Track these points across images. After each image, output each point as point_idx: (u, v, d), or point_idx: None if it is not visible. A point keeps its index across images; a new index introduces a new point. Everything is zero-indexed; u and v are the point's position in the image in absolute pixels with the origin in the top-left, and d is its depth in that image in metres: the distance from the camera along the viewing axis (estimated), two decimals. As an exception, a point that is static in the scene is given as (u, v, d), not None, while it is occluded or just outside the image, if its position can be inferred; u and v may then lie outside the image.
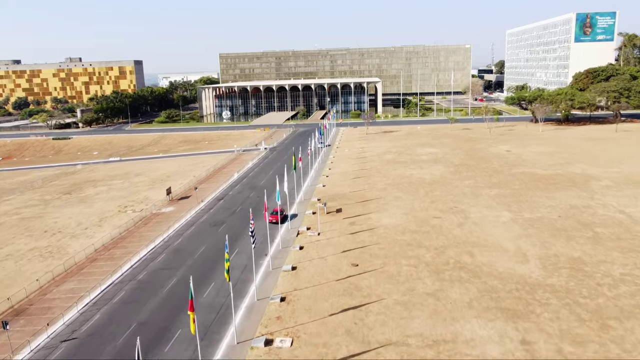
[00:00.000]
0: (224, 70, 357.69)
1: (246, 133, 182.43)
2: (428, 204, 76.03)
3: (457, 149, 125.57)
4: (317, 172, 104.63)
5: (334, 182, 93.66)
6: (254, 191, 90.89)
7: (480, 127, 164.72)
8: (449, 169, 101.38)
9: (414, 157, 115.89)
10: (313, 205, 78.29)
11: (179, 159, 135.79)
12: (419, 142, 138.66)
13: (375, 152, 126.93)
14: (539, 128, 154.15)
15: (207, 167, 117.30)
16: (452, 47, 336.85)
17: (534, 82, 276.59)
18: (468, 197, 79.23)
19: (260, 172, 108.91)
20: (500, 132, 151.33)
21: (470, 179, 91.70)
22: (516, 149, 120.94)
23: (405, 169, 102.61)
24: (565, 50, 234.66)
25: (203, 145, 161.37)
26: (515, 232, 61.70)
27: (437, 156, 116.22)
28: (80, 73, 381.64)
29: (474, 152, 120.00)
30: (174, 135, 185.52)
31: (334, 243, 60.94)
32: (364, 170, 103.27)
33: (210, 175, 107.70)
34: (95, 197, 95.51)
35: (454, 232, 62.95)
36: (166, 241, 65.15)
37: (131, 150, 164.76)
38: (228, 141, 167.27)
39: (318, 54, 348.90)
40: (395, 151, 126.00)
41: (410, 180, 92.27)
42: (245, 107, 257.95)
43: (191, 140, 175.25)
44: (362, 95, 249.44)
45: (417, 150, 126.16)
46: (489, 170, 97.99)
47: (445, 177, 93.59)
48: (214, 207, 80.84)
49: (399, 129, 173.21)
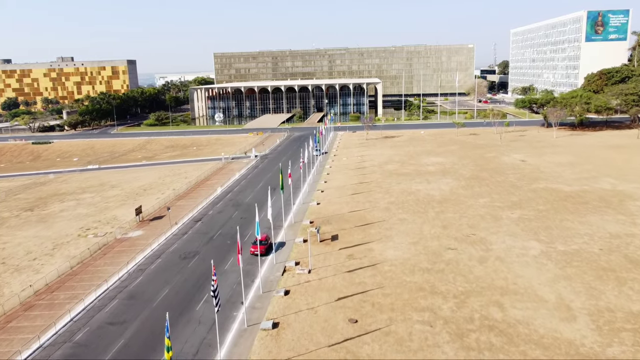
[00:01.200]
0: (219, 70, 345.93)
1: (237, 138, 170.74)
2: (440, 230, 64.43)
3: (466, 158, 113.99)
4: (311, 185, 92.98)
5: (330, 199, 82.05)
6: (238, 210, 79.18)
7: (488, 132, 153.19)
8: (459, 182, 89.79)
9: (419, 168, 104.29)
10: (304, 230, 66.69)
11: (162, 167, 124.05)
12: (424, 150, 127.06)
13: (376, 161, 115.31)
14: (553, 134, 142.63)
15: (190, 178, 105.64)
16: (455, 46, 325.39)
17: (540, 84, 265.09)
18: (486, 220, 67.64)
19: (247, 185, 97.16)
20: (510, 138, 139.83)
21: (485, 196, 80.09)
22: (532, 159, 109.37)
23: (410, 183, 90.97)
24: (575, 50, 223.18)
25: (190, 152, 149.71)
26: (551, 272, 50.09)
27: (445, 167, 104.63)
28: (71, 73, 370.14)
29: (485, 162, 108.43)
30: (160, 140, 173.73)
31: (327, 285, 49.35)
32: (363, 184, 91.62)
33: (191, 189, 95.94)
34: (59, 215, 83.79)
35: (475, 270, 51.35)
36: (123, 280, 53.42)
37: (113, 156, 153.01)
38: (218, 146, 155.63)
39: (316, 53, 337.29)
40: (398, 160, 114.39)
41: (416, 198, 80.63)
42: (239, 109, 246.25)
43: (179, 146, 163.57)
44: (361, 96, 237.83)
45: (421, 159, 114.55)
46: (506, 185, 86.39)
47: (457, 194, 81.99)
48: (189, 232, 69.13)
49: (400, 133, 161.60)
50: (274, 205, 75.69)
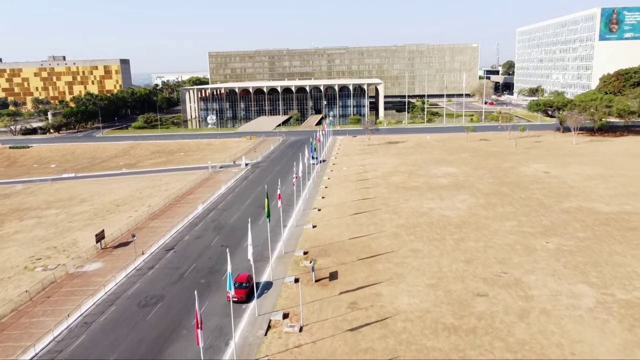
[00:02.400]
0: (214, 70, 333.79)
1: (229, 142, 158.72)
2: (462, 266, 52.51)
3: (481, 167, 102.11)
4: (307, 202, 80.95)
5: (328, 220, 70.08)
6: (219, 234, 67.13)
7: (500, 138, 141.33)
8: (477, 200, 77.84)
9: (429, 180, 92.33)
10: (297, 264, 54.76)
11: (142, 177, 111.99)
12: (432, 158, 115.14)
13: (380, 171, 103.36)
14: (572, 140, 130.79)
15: (170, 191, 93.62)
16: (459, 46, 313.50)
17: (549, 85, 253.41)
18: (517, 252, 55.73)
19: (233, 201, 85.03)
20: (526, 145, 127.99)
21: (510, 218, 68.17)
22: (555, 170, 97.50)
23: (421, 200, 78.99)
24: (587, 50, 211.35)
25: (177, 158, 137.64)
26: (617, 336, 38.19)
27: (458, 179, 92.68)
28: (63, 72, 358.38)
29: (503, 173, 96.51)
30: (147, 145, 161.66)
31: (324, 352, 37.44)
32: (366, 201, 79.63)
33: (169, 205, 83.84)
34: (12, 238, 71.73)
35: (516, 331, 39.43)
36: (59, 341, 41.33)
37: (93, 163, 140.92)
38: (207, 152, 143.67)
39: (314, 53, 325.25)
40: (405, 170, 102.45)
41: (430, 220, 68.67)
42: (234, 110, 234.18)
43: (165, 151, 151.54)
44: (361, 98, 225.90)
45: (431, 169, 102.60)
46: (532, 204, 74.47)
47: (476, 215, 70.06)
48: (157, 266, 57.03)
49: (405, 138, 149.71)
50: (260, 229, 63.78)
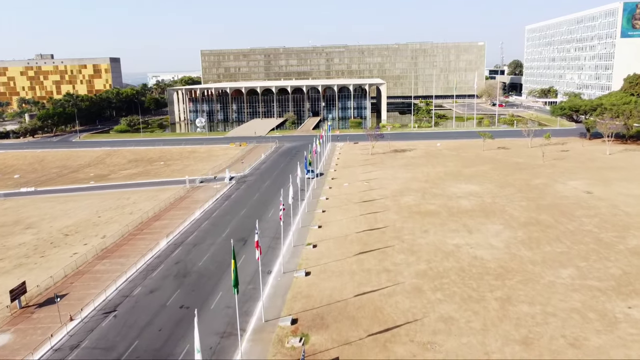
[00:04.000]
0: (206, 69, 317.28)
1: (217, 149, 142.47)
2: (519, 350, 36.35)
3: (508, 185, 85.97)
4: (299, 233, 64.67)
5: (326, 264, 53.90)
6: (182, 287, 50.78)
7: (520, 145, 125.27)
8: (514, 232, 61.66)
9: (448, 203, 76.15)
10: (281, 342, 38.59)
11: (109, 194, 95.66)
12: (447, 171, 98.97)
13: (388, 188, 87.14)
14: (604, 149, 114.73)
15: (135, 215, 77.34)
16: (464, 44, 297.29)
17: (562, 85, 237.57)
18: (592, 324, 39.59)
19: (207, 232, 68.60)
20: (552, 154, 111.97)
21: (565, 262, 51.98)
22: (597, 188, 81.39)
23: (443, 232, 62.82)
24: (607, 48, 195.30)
25: (155, 169, 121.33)
26: None
27: (484, 200, 76.52)
28: (50, 71, 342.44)
29: (536, 192, 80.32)
30: (124, 152, 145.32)
31: None
32: (374, 233, 63.40)
33: (127, 237, 67.44)
34: None
35: None
36: None
37: (62, 173, 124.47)
38: (190, 161, 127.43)
39: (312, 51, 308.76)
40: (418, 188, 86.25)
41: (459, 264, 52.46)
42: (225, 112, 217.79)
43: (144, 159, 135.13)
44: (362, 99, 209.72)
45: (448, 186, 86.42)
46: (586, 239, 58.35)
47: (519, 257, 53.88)
48: (83, 343, 40.68)
49: (412, 145, 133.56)
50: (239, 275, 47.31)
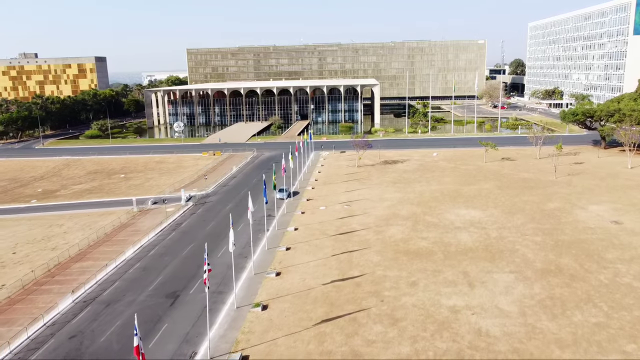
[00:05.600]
0: (193, 69, 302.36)
1: (186, 159, 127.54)
2: None
3: (516, 210, 71.07)
4: (249, 285, 49.62)
5: (272, 342, 38.90)
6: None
7: (526, 155, 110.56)
8: (530, 288, 46.69)
9: (444, 236, 61.25)
10: None
11: (43, 218, 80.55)
12: (444, 190, 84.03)
13: (372, 215, 72.18)
14: (624, 161, 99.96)
15: (57, 251, 62.31)
16: (464, 42, 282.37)
17: (568, 86, 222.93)
18: None
19: (131, 282, 53.46)
20: (565, 167, 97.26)
21: (606, 344, 37.09)
22: (627, 216, 66.50)
23: (436, 286, 47.84)
24: (618, 46, 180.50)
25: (112, 183, 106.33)
26: None
27: (488, 234, 61.63)
28: (33, 71, 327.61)
29: (552, 223, 65.39)
30: (85, 162, 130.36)
31: None
32: (346, 286, 48.36)
33: (27, 289, 52.38)
34: None
35: None
36: None
37: (7, 188, 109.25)
38: (153, 174, 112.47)
39: (304, 50, 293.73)
40: (408, 214, 71.33)
41: (457, 345, 37.54)
42: (207, 115, 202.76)
43: (105, 171, 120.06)
44: (354, 101, 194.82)
45: (445, 212, 71.48)
46: (628, 301, 43.45)
47: (540, 331, 38.99)
48: None
49: (405, 155, 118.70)
50: None
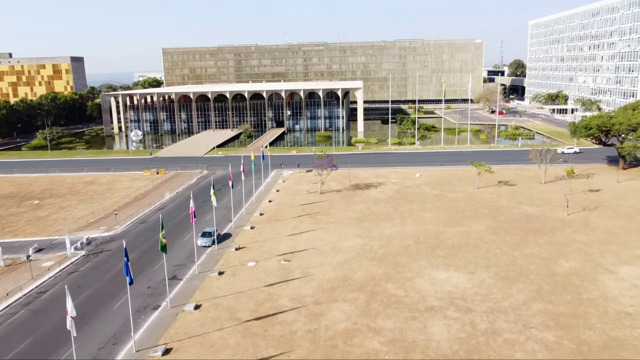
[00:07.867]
0: (169, 69, 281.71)
1: (123, 179, 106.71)
2: None
3: (517, 273, 50.37)
4: None
5: None
6: None
7: (528, 175, 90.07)
8: None
9: (407, 330, 40.43)
10: None
11: None
12: (420, 235, 63.21)
13: (314, 279, 51.37)
14: (653, 189, 79.47)
15: None
16: (460, 42, 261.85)
17: (573, 90, 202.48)
18: None
19: None
20: (579, 198, 76.67)
21: None
22: (677, 288, 45.95)
23: None
24: (631, 45, 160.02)
25: (16, 213, 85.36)
26: None
27: (475, 324, 40.87)
28: (6, 72, 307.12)
29: (570, 301, 44.68)
30: (3, 182, 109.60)
31: None
32: None
33: None
34: None
35: None
36: None
37: None
38: (73, 200, 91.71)
39: (288, 49, 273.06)
40: (363, 280, 50.52)
41: None
42: (172, 122, 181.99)
43: (21, 194, 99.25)
44: (335, 107, 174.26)
45: (416, 274, 50.70)
46: None
47: None
48: None
49: (382, 177, 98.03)
50: None
